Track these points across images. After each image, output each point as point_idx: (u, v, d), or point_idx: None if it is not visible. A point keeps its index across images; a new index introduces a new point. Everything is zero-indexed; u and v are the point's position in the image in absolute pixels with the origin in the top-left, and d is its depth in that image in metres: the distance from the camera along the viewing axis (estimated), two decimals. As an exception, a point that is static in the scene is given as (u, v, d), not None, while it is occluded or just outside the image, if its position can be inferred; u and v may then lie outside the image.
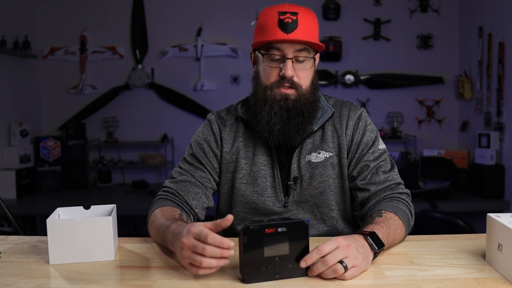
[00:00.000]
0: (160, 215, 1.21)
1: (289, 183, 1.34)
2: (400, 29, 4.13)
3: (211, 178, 1.38)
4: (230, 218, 0.94)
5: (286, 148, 1.35)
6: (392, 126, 4.13)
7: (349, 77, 4.13)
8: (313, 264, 0.96)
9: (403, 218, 1.21)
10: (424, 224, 2.22)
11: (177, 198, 1.32)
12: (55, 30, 4.23)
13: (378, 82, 4.15)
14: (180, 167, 1.40)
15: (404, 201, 1.27)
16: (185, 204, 1.31)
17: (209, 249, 0.92)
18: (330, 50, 4.08)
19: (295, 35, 1.24)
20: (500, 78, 3.42)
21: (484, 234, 1.08)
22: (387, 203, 1.25)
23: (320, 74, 1.40)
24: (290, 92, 1.28)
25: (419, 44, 4.13)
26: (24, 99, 4.04)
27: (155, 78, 4.23)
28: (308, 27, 1.27)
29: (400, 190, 1.30)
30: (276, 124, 1.28)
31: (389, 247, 1.15)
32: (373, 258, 1.04)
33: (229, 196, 1.40)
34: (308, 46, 1.28)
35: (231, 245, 0.92)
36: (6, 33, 3.68)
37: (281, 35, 1.24)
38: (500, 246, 0.97)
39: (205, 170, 1.37)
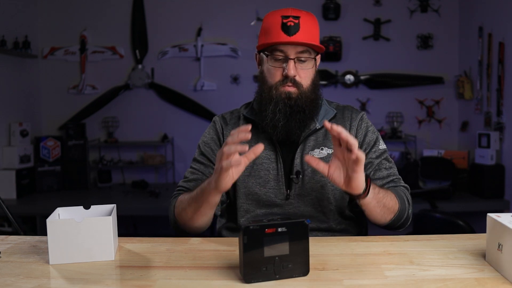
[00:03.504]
0: (186, 196, 1.33)
1: (291, 176, 1.39)
2: (400, 29, 4.13)
3: None
4: (261, 146, 1.06)
5: (289, 145, 1.41)
6: (392, 126, 4.13)
7: (349, 77, 4.13)
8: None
9: (398, 195, 1.31)
10: (424, 224, 2.23)
11: None
12: (55, 30, 4.23)
13: (378, 82, 4.15)
14: (191, 167, 1.48)
15: (403, 191, 1.38)
16: None
17: (229, 148, 1.05)
18: (330, 50, 4.07)
19: (297, 37, 1.33)
20: (500, 78, 3.42)
21: (484, 234, 1.08)
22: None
23: (320, 74, 1.47)
24: (292, 90, 1.36)
25: (419, 44, 4.13)
26: (24, 99, 4.04)
27: (155, 78, 4.23)
28: (310, 29, 1.36)
29: (402, 184, 1.41)
30: (280, 120, 1.36)
31: (380, 201, 1.24)
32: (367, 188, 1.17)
33: (233, 189, 1.44)
34: (309, 48, 1.36)
35: (241, 129, 1.05)
36: (6, 33, 3.68)
37: (284, 37, 1.33)
38: (500, 246, 0.97)
39: (214, 167, 1.41)
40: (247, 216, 1.42)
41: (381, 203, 1.24)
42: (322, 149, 1.41)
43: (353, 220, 1.46)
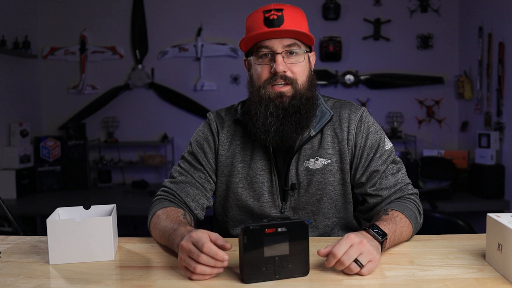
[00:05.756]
0: (164, 217, 1.21)
1: (286, 189, 1.32)
2: (400, 29, 4.13)
3: (210, 180, 1.37)
4: (228, 247, 0.97)
5: (284, 153, 1.32)
6: (392, 126, 4.13)
7: (349, 77, 4.13)
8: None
9: (410, 216, 1.22)
10: (424, 224, 2.22)
11: (176, 199, 1.32)
12: (55, 30, 4.23)
13: (378, 82, 4.15)
14: (180, 166, 1.39)
15: (412, 201, 1.29)
16: (184, 205, 1.32)
17: (204, 258, 0.94)
18: (330, 50, 4.07)
19: (281, 28, 1.23)
20: (500, 78, 3.42)
21: (484, 234, 1.08)
22: (395, 203, 1.27)
23: (320, 74, 1.40)
24: (285, 89, 1.24)
25: (419, 44, 4.13)
26: (24, 99, 4.04)
27: (155, 78, 4.23)
28: (295, 21, 1.25)
29: (410, 191, 1.31)
30: (273, 124, 1.24)
31: (395, 243, 1.17)
32: (381, 249, 1.05)
33: (224, 199, 1.39)
34: (297, 40, 1.25)
35: (225, 258, 0.94)
36: (6, 33, 3.68)
37: (266, 30, 1.23)
38: (500, 246, 0.97)
39: (205, 171, 1.36)
40: (241, 226, 1.38)
41: (396, 240, 1.15)
42: (317, 160, 1.30)
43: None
